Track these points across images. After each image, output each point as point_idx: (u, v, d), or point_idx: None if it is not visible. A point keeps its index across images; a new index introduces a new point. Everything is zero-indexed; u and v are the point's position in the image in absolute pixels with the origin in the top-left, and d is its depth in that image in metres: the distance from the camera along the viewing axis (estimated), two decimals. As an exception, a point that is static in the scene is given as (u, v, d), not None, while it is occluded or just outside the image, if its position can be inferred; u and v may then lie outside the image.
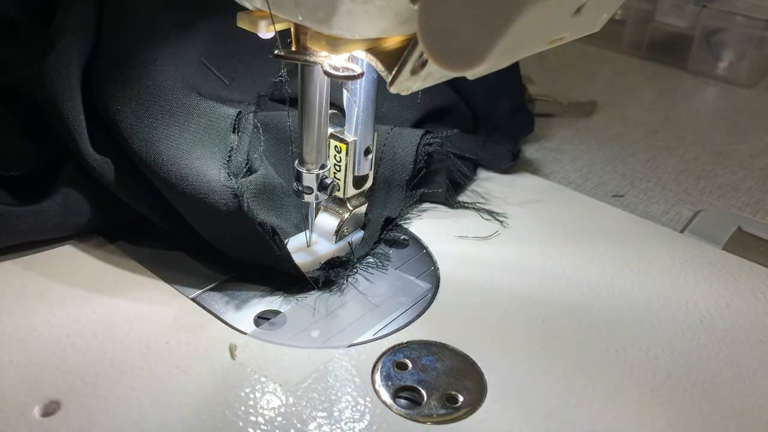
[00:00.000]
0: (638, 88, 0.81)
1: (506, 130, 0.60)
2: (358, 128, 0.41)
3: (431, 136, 0.50)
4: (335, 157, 0.42)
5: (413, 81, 0.32)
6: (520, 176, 0.56)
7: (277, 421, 0.32)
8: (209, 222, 0.40)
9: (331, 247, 0.44)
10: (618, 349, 0.38)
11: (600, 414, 0.33)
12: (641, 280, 0.44)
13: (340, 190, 0.43)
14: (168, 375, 0.34)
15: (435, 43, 0.26)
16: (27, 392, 0.32)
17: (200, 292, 0.40)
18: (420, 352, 0.37)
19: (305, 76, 0.36)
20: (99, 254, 0.42)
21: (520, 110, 0.62)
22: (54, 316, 0.37)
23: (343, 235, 0.44)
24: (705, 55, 0.84)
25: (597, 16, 0.33)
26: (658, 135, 0.68)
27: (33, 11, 0.51)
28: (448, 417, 0.33)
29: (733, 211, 0.55)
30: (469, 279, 0.43)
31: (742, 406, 0.35)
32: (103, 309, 0.38)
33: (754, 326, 0.40)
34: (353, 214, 0.44)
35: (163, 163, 0.40)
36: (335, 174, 0.42)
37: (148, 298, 0.39)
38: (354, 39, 0.31)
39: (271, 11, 0.32)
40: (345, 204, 0.44)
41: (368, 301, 0.40)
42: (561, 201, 0.53)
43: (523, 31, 0.25)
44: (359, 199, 0.45)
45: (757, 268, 0.45)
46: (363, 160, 0.42)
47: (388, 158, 0.48)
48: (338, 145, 0.42)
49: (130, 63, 0.43)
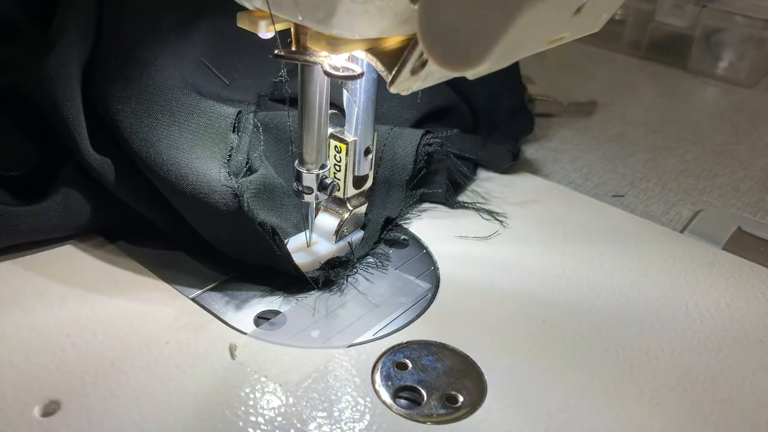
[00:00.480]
0: (638, 88, 0.81)
1: (506, 130, 0.60)
2: (358, 128, 0.41)
3: (431, 136, 0.50)
4: (335, 157, 0.42)
5: (413, 81, 0.32)
6: (520, 176, 0.56)
7: (277, 421, 0.32)
8: (209, 222, 0.40)
9: (331, 247, 0.44)
10: (618, 349, 0.38)
11: (600, 414, 0.33)
12: (641, 280, 0.43)
13: (340, 190, 0.43)
14: (168, 375, 0.34)
15: (435, 43, 0.26)
16: (27, 392, 0.32)
17: (200, 292, 0.40)
18: (420, 352, 0.37)
19: (305, 76, 0.36)
20: (99, 254, 0.42)
21: (520, 110, 0.62)
22: (54, 316, 0.37)
23: (343, 235, 0.44)
24: (705, 55, 0.84)
25: (597, 16, 0.33)
26: (658, 135, 0.68)
27: (33, 11, 0.51)
28: (448, 417, 0.33)
29: (733, 211, 0.55)
30: (469, 279, 0.43)
31: (742, 406, 0.35)
32: (103, 309, 0.38)
33: (754, 326, 0.40)
34: (353, 214, 0.44)
35: (163, 162, 0.40)
36: (335, 174, 0.42)
37: (148, 298, 0.39)
38: (354, 39, 0.31)
39: (271, 11, 0.32)
40: (345, 204, 0.44)
41: (368, 301, 0.40)
42: (561, 201, 0.53)
43: (523, 31, 0.25)
44: (359, 199, 0.45)
45: (757, 268, 0.45)
46: (363, 160, 0.42)
47: (388, 158, 0.48)
48: (338, 145, 0.42)
49: (130, 63, 0.43)
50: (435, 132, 0.51)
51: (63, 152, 0.43)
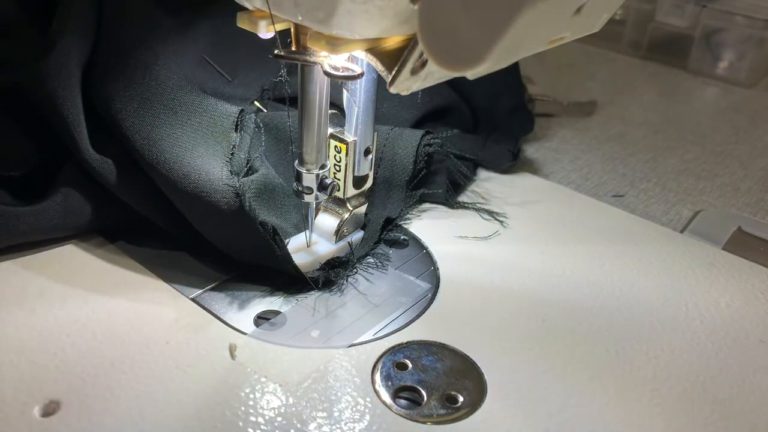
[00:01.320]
0: (638, 88, 0.81)
1: (506, 130, 0.60)
2: (358, 128, 0.41)
3: (431, 136, 0.50)
4: (335, 157, 0.42)
5: (413, 81, 0.32)
6: (520, 176, 0.56)
7: (277, 421, 0.32)
8: (210, 221, 0.40)
9: (331, 247, 0.44)
10: (618, 349, 0.38)
11: (600, 414, 0.33)
12: (641, 280, 0.43)
13: (340, 190, 0.43)
14: (168, 375, 0.34)
15: (435, 43, 0.26)
16: (27, 392, 0.32)
17: (200, 292, 0.40)
18: (420, 352, 0.37)
19: (305, 76, 0.36)
20: (99, 254, 0.42)
21: (520, 110, 0.62)
22: (54, 316, 0.37)
23: (343, 235, 0.44)
24: (705, 55, 0.84)
25: (597, 16, 0.33)
26: (658, 135, 0.68)
27: (33, 11, 0.51)
28: (448, 417, 0.33)
29: (733, 211, 0.55)
30: (469, 279, 0.43)
31: (742, 406, 0.35)
32: (103, 309, 0.38)
33: (754, 326, 0.40)
34: (353, 214, 0.44)
35: (165, 161, 0.40)
36: (335, 174, 0.42)
37: (148, 298, 0.39)
38: (354, 39, 0.31)
39: (271, 11, 0.32)
40: (345, 204, 0.44)
41: (368, 301, 0.40)
42: (561, 201, 0.53)
43: (523, 31, 0.25)
44: (359, 200, 0.45)
45: (757, 268, 0.45)
46: (363, 160, 0.42)
47: (388, 158, 0.48)
48: (338, 145, 0.41)
49: (131, 62, 0.43)
50: (435, 132, 0.51)
51: (63, 152, 0.43)
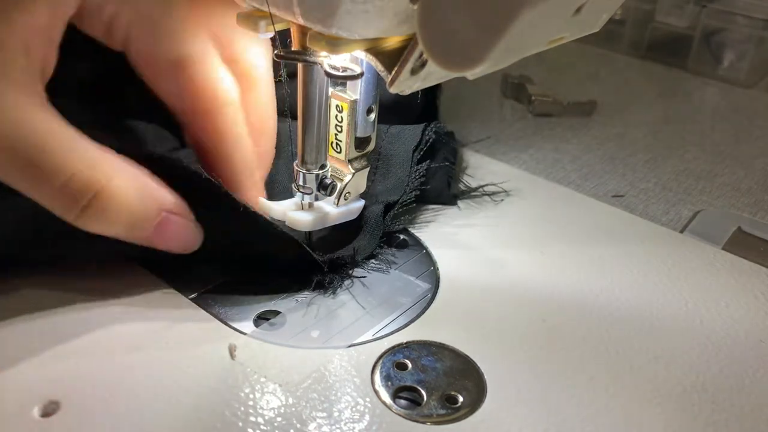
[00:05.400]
0: (638, 88, 0.81)
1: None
2: (361, 87, 0.39)
3: (436, 122, 0.50)
4: (336, 117, 0.40)
5: (413, 81, 0.32)
6: (519, 176, 0.56)
7: (277, 421, 0.32)
8: (213, 214, 0.40)
9: (333, 210, 0.42)
10: (618, 349, 0.38)
11: (600, 414, 0.33)
12: (641, 280, 0.43)
13: (341, 152, 0.41)
14: (168, 375, 0.34)
15: (435, 43, 0.26)
16: (27, 392, 0.32)
17: (200, 292, 0.40)
18: (420, 353, 0.37)
19: (305, 76, 0.36)
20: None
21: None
22: (54, 316, 0.37)
23: (345, 197, 0.42)
24: (705, 55, 0.84)
25: (597, 16, 0.33)
26: (658, 135, 0.68)
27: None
28: (448, 417, 0.33)
29: (733, 211, 0.55)
30: (469, 279, 0.43)
31: (742, 406, 0.35)
32: (103, 309, 0.38)
33: (754, 326, 0.40)
34: (355, 177, 0.42)
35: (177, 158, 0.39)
36: (336, 135, 0.40)
37: (147, 298, 0.39)
38: (354, 39, 0.31)
39: (271, 11, 0.32)
40: (347, 166, 0.41)
41: (368, 302, 0.40)
42: (561, 201, 0.53)
43: (522, 31, 0.25)
44: (361, 162, 0.42)
45: (757, 268, 0.45)
46: (365, 121, 0.40)
47: (387, 157, 0.48)
48: (339, 104, 0.39)
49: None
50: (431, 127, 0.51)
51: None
